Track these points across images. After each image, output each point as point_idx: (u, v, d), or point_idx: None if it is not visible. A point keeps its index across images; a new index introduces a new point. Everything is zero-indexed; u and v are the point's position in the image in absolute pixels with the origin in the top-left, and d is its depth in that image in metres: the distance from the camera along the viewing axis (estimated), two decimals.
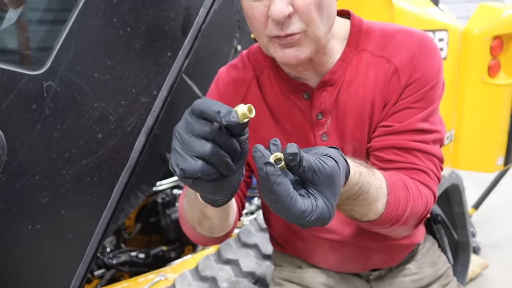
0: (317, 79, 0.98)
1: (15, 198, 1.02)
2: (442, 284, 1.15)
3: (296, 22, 0.83)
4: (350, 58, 0.97)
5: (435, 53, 0.96)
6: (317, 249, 1.11)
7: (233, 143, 0.59)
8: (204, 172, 0.57)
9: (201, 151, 0.57)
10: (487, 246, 3.16)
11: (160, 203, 2.26)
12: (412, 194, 0.88)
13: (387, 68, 0.95)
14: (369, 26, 0.99)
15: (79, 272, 1.19)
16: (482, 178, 2.83)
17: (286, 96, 1.01)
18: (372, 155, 0.98)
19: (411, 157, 0.93)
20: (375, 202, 0.83)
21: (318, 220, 0.62)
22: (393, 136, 0.95)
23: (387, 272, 1.14)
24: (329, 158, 0.65)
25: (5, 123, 0.98)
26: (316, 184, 0.62)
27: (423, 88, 0.94)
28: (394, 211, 0.86)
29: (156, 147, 1.87)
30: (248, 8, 0.86)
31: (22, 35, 1.23)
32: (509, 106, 2.35)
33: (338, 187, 0.65)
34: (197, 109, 0.58)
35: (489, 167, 2.43)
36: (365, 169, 0.80)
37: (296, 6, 0.82)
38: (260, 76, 1.04)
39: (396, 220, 0.87)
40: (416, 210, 0.90)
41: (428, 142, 0.95)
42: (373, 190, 0.81)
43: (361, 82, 0.97)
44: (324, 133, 1.00)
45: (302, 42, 0.86)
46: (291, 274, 1.19)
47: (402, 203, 0.86)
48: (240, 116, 0.56)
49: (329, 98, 0.98)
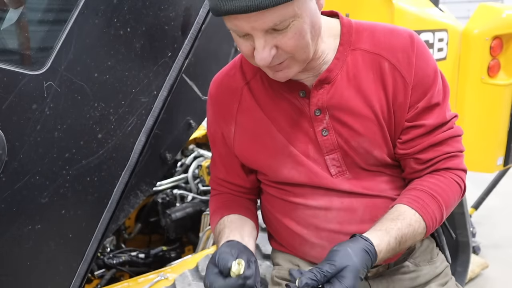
0: (312, 78, 1.00)
1: (15, 198, 1.03)
2: (440, 283, 1.15)
3: (282, 55, 0.88)
4: (345, 57, 0.99)
5: (427, 49, 1.01)
6: (315, 244, 1.11)
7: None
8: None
9: None
10: (487, 246, 3.16)
11: (160, 203, 2.26)
12: (442, 198, 0.99)
13: (383, 65, 0.98)
14: (358, 26, 1.02)
15: (79, 272, 1.19)
16: (482, 178, 2.83)
17: (282, 95, 1.02)
18: (411, 159, 1.04)
19: (444, 147, 1.02)
20: (415, 235, 0.96)
21: None
22: (427, 136, 1.01)
23: (385, 270, 1.14)
24: (333, 263, 0.83)
25: (5, 123, 0.98)
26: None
27: (432, 86, 0.99)
28: (434, 223, 0.98)
29: (156, 147, 1.86)
30: (236, 40, 0.90)
31: (23, 35, 1.23)
32: (508, 106, 2.35)
33: (355, 274, 0.83)
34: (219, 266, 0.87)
35: (488, 167, 2.44)
36: (388, 223, 0.94)
37: (279, 45, 0.86)
38: (252, 81, 1.06)
39: (439, 223, 1.00)
40: (451, 203, 1.02)
41: (453, 126, 1.04)
42: (406, 230, 0.94)
43: (363, 79, 0.98)
44: (324, 128, 1.01)
45: (291, 65, 0.91)
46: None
47: (437, 214, 0.98)
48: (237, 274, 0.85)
49: (326, 95, 0.99)
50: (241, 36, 0.88)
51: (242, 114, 1.06)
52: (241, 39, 0.88)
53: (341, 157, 1.02)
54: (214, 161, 1.19)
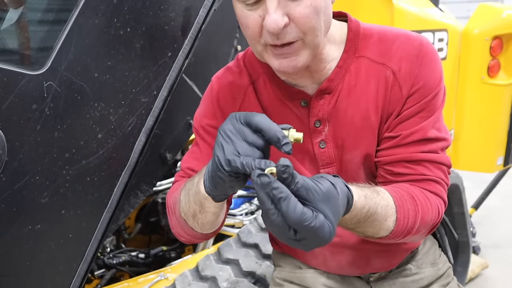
0: (314, 86, 0.97)
1: (15, 198, 1.03)
2: (442, 284, 1.15)
3: (293, 31, 0.81)
4: (348, 65, 0.95)
5: (436, 60, 0.95)
6: (316, 253, 1.11)
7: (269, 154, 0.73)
8: (247, 170, 0.67)
9: (252, 155, 0.70)
10: (487, 246, 3.16)
11: (160, 203, 2.26)
12: (420, 205, 0.89)
13: (388, 76, 0.94)
14: (367, 30, 0.97)
15: (79, 272, 1.19)
16: (482, 178, 2.83)
17: (283, 103, 0.99)
18: (381, 169, 0.97)
19: (421, 168, 0.93)
20: (384, 220, 0.85)
21: (318, 234, 0.64)
22: (402, 148, 0.94)
23: (387, 274, 1.14)
24: (324, 179, 0.69)
25: (5, 123, 0.98)
26: (312, 201, 0.65)
27: (426, 97, 0.92)
28: (405, 225, 0.87)
29: (156, 147, 1.87)
30: (242, 16, 0.83)
31: (23, 35, 1.23)
32: (508, 106, 2.35)
33: (336, 207, 0.68)
34: (254, 124, 0.71)
35: (488, 167, 2.44)
36: (369, 191, 0.82)
37: (292, 16, 0.79)
38: (256, 82, 1.03)
39: (407, 233, 0.89)
40: (427, 219, 0.91)
41: (437, 151, 0.94)
42: (381, 209, 0.83)
43: (363, 90, 0.95)
44: (322, 140, 0.98)
45: (300, 51, 0.84)
46: (291, 274, 1.19)
47: (411, 216, 0.88)
48: (292, 140, 0.71)
49: (327, 106, 0.96)
50: (249, 4, 0.81)
51: None
52: (249, 11, 0.81)
53: (336, 172, 1.00)
54: (195, 155, 1.06)
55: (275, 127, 0.70)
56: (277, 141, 0.69)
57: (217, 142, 0.72)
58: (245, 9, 0.82)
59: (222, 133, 0.72)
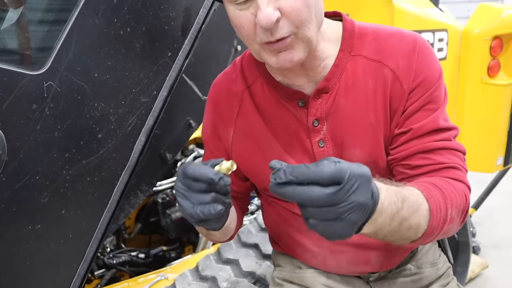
0: (310, 85, 0.97)
1: (15, 198, 1.03)
2: (442, 284, 1.15)
3: (285, 26, 0.82)
4: (344, 64, 0.96)
5: (432, 54, 0.96)
6: (316, 253, 1.11)
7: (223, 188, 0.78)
8: (208, 216, 0.77)
9: (205, 200, 0.77)
10: (487, 246, 3.16)
11: (160, 203, 2.26)
12: (447, 191, 0.87)
13: (386, 73, 0.94)
14: (362, 29, 0.98)
15: (79, 272, 1.19)
16: (482, 178, 2.82)
17: (281, 103, 1.00)
18: (398, 165, 0.97)
19: (438, 156, 0.93)
20: (417, 210, 0.81)
21: (360, 186, 0.67)
22: (415, 141, 0.94)
23: (387, 273, 1.14)
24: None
25: (5, 123, 0.98)
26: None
27: (429, 90, 0.94)
28: (439, 214, 0.84)
29: (156, 147, 1.87)
30: (235, 17, 0.85)
31: (23, 35, 1.23)
32: (508, 106, 2.35)
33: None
34: (190, 176, 0.77)
35: (488, 167, 2.44)
36: (389, 182, 0.79)
37: (283, 10, 0.81)
38: (252, 85, 1.03)
39: (443, 222, 0.85)
40: (456, 204, 0.89)
41: (450, 138, 0.95)
42: (413, 198, 0.80)
43: (360, 88, 0.95)
44: (321, 139, 0.98)
45: (294, 45, 0.85)
46: (291, 274, 1.19)
47: (442, 203, 0.85)
48: (226, 172, 0.76)
49: (325, 104, 0.96)
50: (240, 4, 0.83)
51: (242, 119, 1.04)
52: (241, 11, 0.83)
53: None
54: None
55: (205, 170, 0.76)
56: (213, 183, 0.75)
57: (177, 200, 0.81)
58: (237, 10, 0.84)
59: (176, 191, 0.80)
